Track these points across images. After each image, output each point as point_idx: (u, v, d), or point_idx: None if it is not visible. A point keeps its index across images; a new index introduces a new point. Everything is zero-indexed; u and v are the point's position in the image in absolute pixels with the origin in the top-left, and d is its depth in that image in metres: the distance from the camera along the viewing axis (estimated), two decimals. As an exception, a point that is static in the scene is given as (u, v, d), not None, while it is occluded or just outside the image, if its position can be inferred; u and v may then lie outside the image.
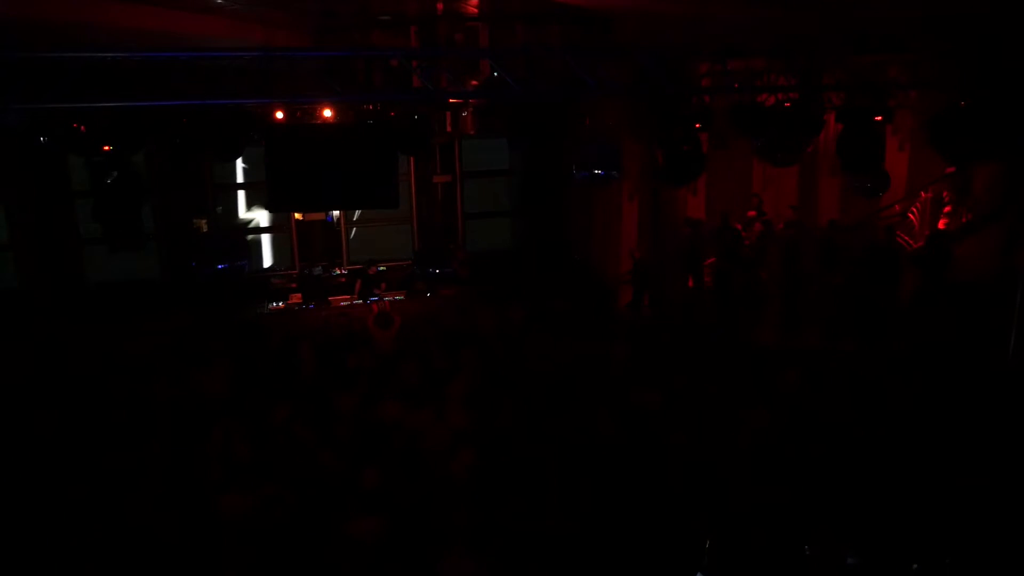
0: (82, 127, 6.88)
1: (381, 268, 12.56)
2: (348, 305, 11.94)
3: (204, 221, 12.28)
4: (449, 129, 11.22)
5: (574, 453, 6.93)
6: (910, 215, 12.29)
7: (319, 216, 12.69)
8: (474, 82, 9.02)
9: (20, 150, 9.50)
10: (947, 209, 11.72)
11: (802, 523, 5.84)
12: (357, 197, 8.17)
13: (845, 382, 8.65)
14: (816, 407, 7.86)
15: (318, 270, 12.48)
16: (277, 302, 12.08)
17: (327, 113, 9.13)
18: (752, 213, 12.62)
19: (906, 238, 11.97)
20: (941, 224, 11.66)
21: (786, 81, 9.04)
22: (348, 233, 13.40)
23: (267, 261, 13.81)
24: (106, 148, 6.80)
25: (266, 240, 14.02)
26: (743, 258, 12.08)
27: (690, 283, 12.30)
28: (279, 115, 9.35)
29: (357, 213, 13.36)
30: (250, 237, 13.01)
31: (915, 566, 5.49)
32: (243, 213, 14.34)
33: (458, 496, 6.42)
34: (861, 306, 11.06)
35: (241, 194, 14.24)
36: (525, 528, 5.94)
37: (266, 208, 12.49)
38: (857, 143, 8.95)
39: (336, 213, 12.94)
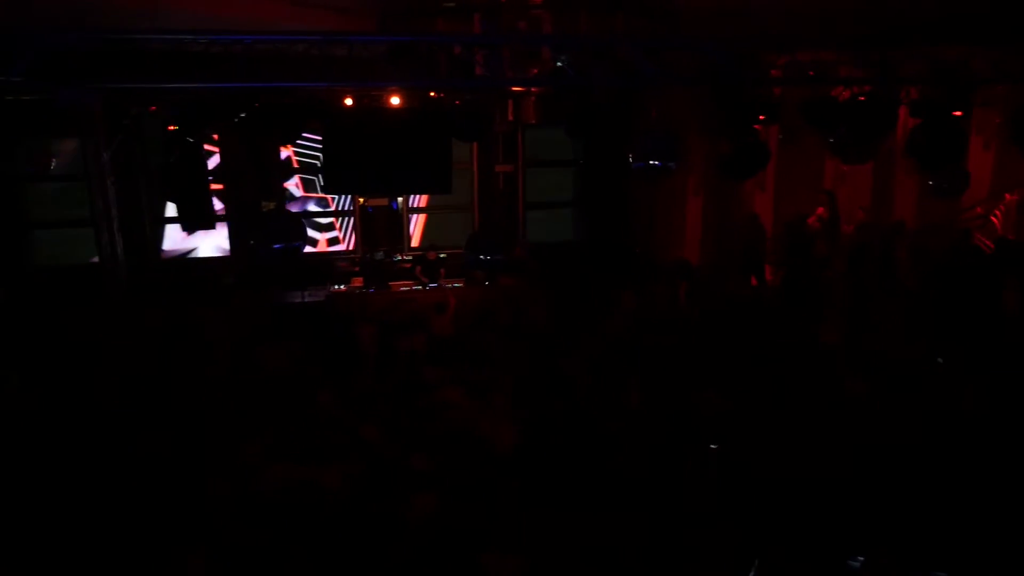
0: (152, 107, 7.18)
1: (442, 255, 12.69)
2: (408, 290, 12.13)
3: (272, 203, 12.67)
4: (511, 118, 11.22)
5: (619, 448, 6.91)
6: (992, 218, 11.72)
7: (383, 202, 12.90)
8: (535, 70, 8.98)
9: (100, 131, 9.93)
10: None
11: (855, 537, 5.66)
12: (411, 182, 8.28)
13: (915, 389, 8.31)
14: (884, 415, 7.58)
15: (380, 255, 12.69)
16: (339, 285, 12.37)
17: (395, 101, 9.26)
18: (821, 210, 12.22)
19: (987, 241, 11.41)
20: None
21: (862, 74, 8.69)
22: (410, 219, 13.59)
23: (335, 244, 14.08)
24: (171, 128, 7.07)
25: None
26: (815, 258, 11.73)
27: (753, 281, 12.01)
28: (348, 102, 9.54)
29: (419, 199, 13.50)
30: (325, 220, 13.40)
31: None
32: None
33: (506, 478, 6.45)
34: (941, 312, 10.58)
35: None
36: (568, 521, 5.94)
37: (322, 191, 12.81)
38: (934, 139, 8.52)
39: (400, 199, 13.15)
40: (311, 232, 13.18)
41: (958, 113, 8.76)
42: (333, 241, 13.49)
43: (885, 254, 11.41)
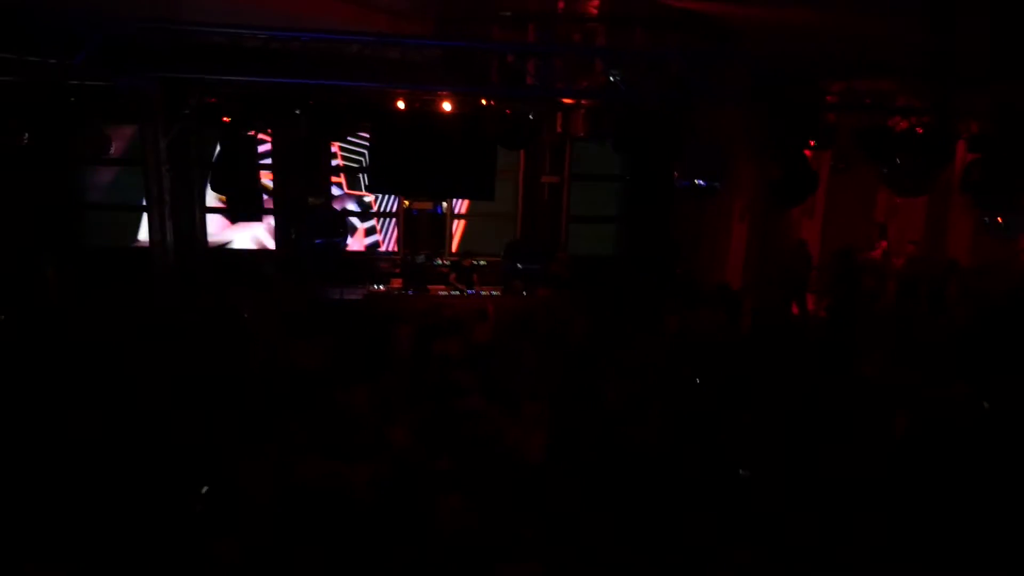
0: (212, 99, 7.34)
1: (482, 262, 12.72)
2: (447, 295, 12.18)
3: (320, 200, 12.88)
4: (559, 129, 11.22)
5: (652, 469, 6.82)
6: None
7: (427, 205, 13.00)
8: (584, 82, 8.97)
9: (159, 119, 10.18)
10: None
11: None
12: (453, 186, 8.33)
13: (957, 430, 8.04)
14: (925, 454, 7.35)
15: (421, 258, 12.78)
16: (378, 284, 12.49)
17: (447, 106, 9.32)
18: (885, 244, 11.99)
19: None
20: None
21: (920, 103, 8.50)
22: (452, 224, 13.66)
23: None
24: (225, 120, 7.22)
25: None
26: (863, 290, 11.48)
27: (794, 309, 11.79)
28: (400, 104, 9.64)
29: (461, 204, 13.59)
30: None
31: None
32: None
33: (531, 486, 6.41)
34: (991, 355, 10.24)
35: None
36: (589, 533, 5.88)
37: (366, 190, 13.02)
38: (991, 176, 8.28)
39: (445, 204, 13.24)
40: (350, 219, 13.39)
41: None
42: (370, 231, 13.63)
43: (935, 291, 11.12)
